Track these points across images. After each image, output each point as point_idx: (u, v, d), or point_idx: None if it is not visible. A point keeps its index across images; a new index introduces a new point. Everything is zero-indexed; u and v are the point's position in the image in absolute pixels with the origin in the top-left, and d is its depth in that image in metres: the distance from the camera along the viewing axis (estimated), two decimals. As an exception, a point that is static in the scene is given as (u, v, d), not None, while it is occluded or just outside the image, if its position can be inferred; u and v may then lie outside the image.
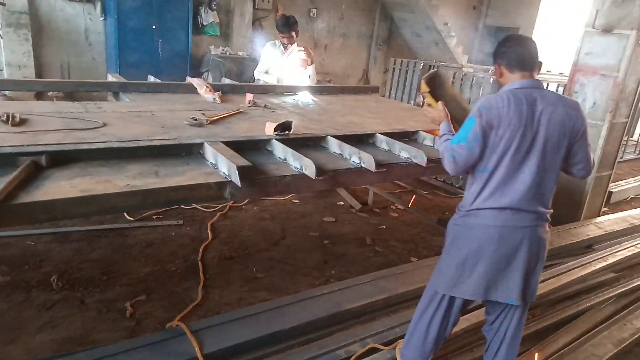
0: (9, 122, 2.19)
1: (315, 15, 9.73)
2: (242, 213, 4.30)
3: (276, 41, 4.66)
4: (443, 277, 2.05)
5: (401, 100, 6.07)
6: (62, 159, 1.73)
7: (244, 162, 1.80)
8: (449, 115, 2.17)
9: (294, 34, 4.46)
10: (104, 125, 2.37)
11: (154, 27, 7.56)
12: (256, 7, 8.81)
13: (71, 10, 7.21)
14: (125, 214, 3.85)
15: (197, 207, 4.19)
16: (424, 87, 2.24)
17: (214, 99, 3.27)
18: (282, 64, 4.47)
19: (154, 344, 2.29)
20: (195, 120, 2.60)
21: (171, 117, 2.74)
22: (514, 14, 11.65)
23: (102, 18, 7.42)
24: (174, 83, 3.60)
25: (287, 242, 3.86)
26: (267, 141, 2.22)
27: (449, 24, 10.34)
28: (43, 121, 2.33)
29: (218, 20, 8.38)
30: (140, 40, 7.50)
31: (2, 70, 6.48)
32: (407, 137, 2.71)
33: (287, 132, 2.28)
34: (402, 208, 4.74)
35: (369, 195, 4.75)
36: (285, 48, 4.52)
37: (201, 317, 2.76)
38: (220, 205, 4.29)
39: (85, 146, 1.82)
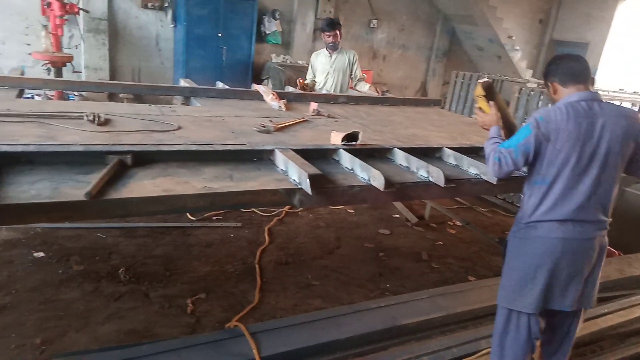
0: (95, 121, 2.34)
1: (375, 26, 9.74)
2: (298, 219, 4.35)
3: (320, 50, 4.92)
4: (506, 290, 2.07)
5: (462, 114, 5.94)
6: (144, 159, 1.82)
7: (314, 170, 1.82)
8: (500, 120, 2.22)
9: (337, 32, 4.62)
10: (179, 128, 2.47)
11: (219, 35, 7.84)
12: (317, 16, 8.94)
13: (145, 18, 7.62)
14: (188, 213, 3.98)
15: (255, 210, 4.27)
16: (480, 91, 2.33)
17: (280, 106, 3.34)
18: (327, 70, 4.65)
19: (214, 342, 2.35)
20: (264, 127, 2.66)
21: (240, 122, 2.82)
22: (583, 29, 11.14)
23: (172, 25, 7.79)
24: (240, 89, 3.71)
25: (342, 252, 3.86)
26: (334, 151, 2.24)
27: (513, 38, 10.04)
28: (124, 122, 2.47)
29: (280, 29, 8.58)
30: (206, 47, 7.80)
31: (81, 72, 6.93)
32: (474, 152, 2.64)
33: (354, 143, 2.29)
34: (460, 224, 4.62)
35: (425, 210, 4.67)
36: (330, 51, 4.69)
37: (257, 320, 2.81)
38: (277, 210, 4.36)
39: (165, 148, 1.91)
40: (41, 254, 3.24)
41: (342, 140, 2.27)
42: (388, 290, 3.36)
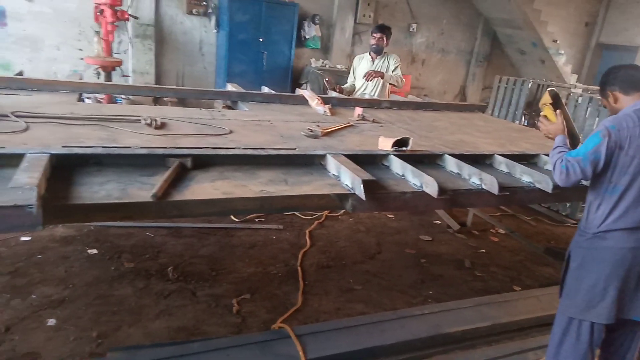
0: (152, 125, 2.43)
1: (414, 30, 9.68)
2: (338, 223, 4.37)
3: (363, 54, 5.02)
4: (573, 301, 2.05)
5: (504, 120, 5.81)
6: (203, 162, 1.88)
7: (368, 176, 1.84)
8: (566, 130, 2.21)
9: (383, 37, 4.76)
10: (230, 132, 2.53)
11: (260, 39, 7.98)
12: (357, 21, 8.97)
13: (189, 24, 7.84)
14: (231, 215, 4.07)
15: (296, 213, 4.32)
16: (547, 99, 2.32)
17: (325, 111, 3.37)
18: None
19: (261, 342, 2.40)
20: (311, 131, 2.69)
21: (287, 127, 2.86)
22: (632, 32, 10.71)
23: (215, 30, 7.98)
24: (286, 94, 3.77)
25: (383, 257, 3.84)
26: (384, 156, 2.25)
27: (558, 42, 9.76)
28: (178, 125, 2.55)
29: (320, 34, 8.65)
30: (247, 51, 7.95)
31: (129, 76, 7.20)
32: (525, 159, 2.59)
33: (404, 149, 2.29)
34: (503, 232, 4.52)
35: (468, 217, 4.60)
36: (373, 55, 4.79)
37: (301, 322, 2.84)
38: (318, 214, 4.39)
39: (223, 152, 1.97)
40: (94, 251, 3.38)
41: (393, 146, 2.27)
42: (431, 297, 3.32)
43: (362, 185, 1.77)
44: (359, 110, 3.35)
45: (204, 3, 7.77)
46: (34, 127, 2.18)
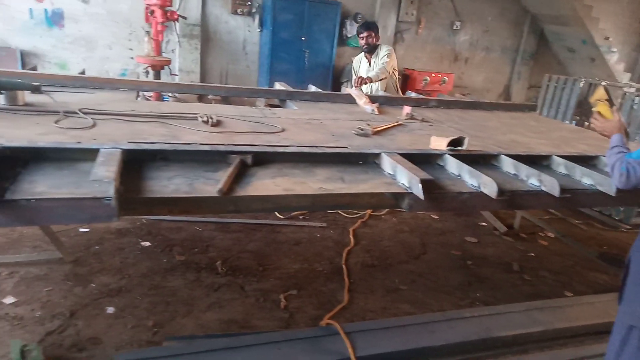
0: (209, 123, 2.50)
1: (458, 28, 9.50)
2: (382, 223, 4.36)
3: (359, 55, 5.01)
4: (634, 308, 1.95)
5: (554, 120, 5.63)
6: (262, 159, 1.93)
7: (425, 175, 1.83)
8: (624, 128, 2.11)
9: (373, 34, 4.67)
10: (283, 130, 2.57)
11: (303, 38, 8.04)
12: (399, 19, 8.89)
13: (234, 23, 7.98)
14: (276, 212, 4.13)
15: (340, 212, 4.34)
16: (602, 94, 2.21)
17: (372, 110, 3.37)
18: (370, 74, 4.66)
19: (310, 338, 2.43)
20: (362, 130, 2.70)
21: (337, 125, 2.88)
22: (692, 28, 10.13)
23: (258, 30, 8.09)
24: (333, 93, 3.80)
25: (428, 258, 3.81)
26: (439, 156, 2.23)
27: (610, 39, 9.35)
28: (233, 123, 2.62)
29: (362, 33, 8.62)
30: (290, 50, 8.03)
31: (177, 75, 7.40)
32: (584, 161, 2.51)
33: (459, 148, 2.27)
34: (552, 236, 4.39)
35: (515, 219, 4.49)
36: (367, 55, 4.77)
37: (347, 319, 2.86)
38: (361, 213, 4.39)
39: (281, 149, 2.01)
40: (147, 243, 3.51)
41: (448, 146, 2.25)
42: (479, 300, 3.27)
43: (420, 185, 1.76)
44: (407, 109, 3.33)
45: (249, 3, 7.89)
46: (100, 123, 2.29)
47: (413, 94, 4.36)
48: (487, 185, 1.90)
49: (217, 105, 3.20)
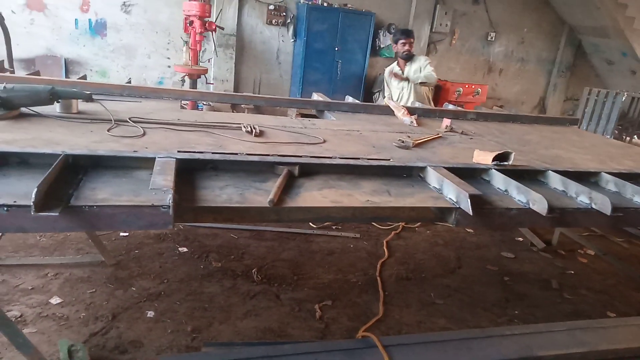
0: (252, 133, 2.55)
1: (492, 39, 9.40)
2: (415, 235, 4.32)
3: (391, 65, 5.18)
4: None
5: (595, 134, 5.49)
6: (308, 170, 1.95)
7: (474, 190, 1.81)
8: None
9: (413, 41, 4.93)
10: (324, 141, 2.60)
11: (336, 49, 8.11)
12: (433, 30, 8.86)
13: (268, 33, 8.12)
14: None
15: (373, 223, 4.32)
16: None
17: (411, 122, 3.36)
18: (403, 84, 4.89)
19: (348, 350, 2.41)
20: (403, 142, 2.70)
21: (377, 137, 2.88)
22: None
23: (292, 40, 8.21)
24: (371, 104, 3.82)
25: (464, 272, 3.75)
26: (484, 170, 2.20)
27: (653, 51, 9.08)
28: (275, 134, 2.66)
29: (394, 43, 8.62)
30: (323, 60, 8.11)
31: (213, 83, 7.57)
32: (633, 178, 2.44)
33: (505, 163, 2.24)
34: (592, 253, 4.26)
35: (553, 235, 4.38)
36: (402, 62, 4.94)
37: (383, 332, 2.84)
38: (394, 225, 4.37)
39: (327, 161, 2.03)
40: (185, 249, 3.57)
41: (493, 160, 2.22)
42: (517, 317, 3.20)
43: (468, 200, 1.75)
44: (447, 122, 3.31)
45: (283, 13, 8.02)
46: (150, 132, 2.36)
47: (451, 106, 4.33)
48: (537, 202, 1.86)
49: (258, 115, 3.26)
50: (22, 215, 1.38)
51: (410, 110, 3.57)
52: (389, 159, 2.32)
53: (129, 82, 3.62)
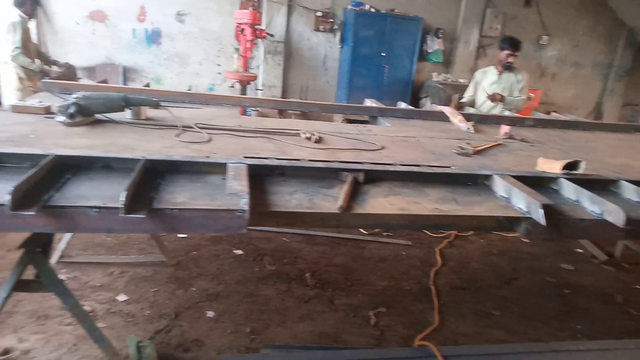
0: (311, 139, 2.58)
1: (545, 43, 9.10)
2: (469, 244, 4.24)
3: (486, 68, 5.06)
4: None
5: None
6: (372, 177, 1.96)
7: (546, 200, 1.77)
8: None
9: (517, 53, 4.79)
10: (383, 148, 2.60)
11: (383, 54, 8.09)
12: (482, 34, 8.68)
13: (315, 40, 8.20)
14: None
15: (425, 231, 4.27)
16: None
17: (468, 128, 3.31)
18: (494, 88, 4.74)
19: (406, 358, 2.40)
20: (462, 149, 2.66)
21: (435, 144, 2.86)
22: None
23: (339, 46, 8.26)
24: (425, 110, 3.79)
25: (520, 283, 3.64)
26: (553, 179, 2.14)
27: None
28: (333, 140, 2.68)
29: (443, 48, 8.52)
30: (369, 66, 8.11)
31: (262, 89, 7.71)
32: None
33: (574, 172, 2.17)
34: (660, 268, 4.04)
35: (616, 247, 4.18)
36: (500, 69, 4.83)
37: (439, 342, 2.78)
38: (446, 233, 4.30)
39: (391, 168, 2.04)
40: (240, 252, 3.66)
41: (563, 169, 2.16)
42: (579, 332, 3.07)
43: (541, 210, 1.70)
44: (505, 129, 3.24)
45: (331, 20, 8.09)
46: (215, 137, 2.44)
47: (507, 112, 4.23)
48: (613, 213, 1.79)
49: (314, 122, 3.30)
50: (110, 217, 1.46)
51: (467, 117, 3.51)
52: (449, 167, 2.30)
53: (190, 90, 3.75)
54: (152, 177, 1.74)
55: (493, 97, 4.60)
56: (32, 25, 4.31)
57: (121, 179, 1.68)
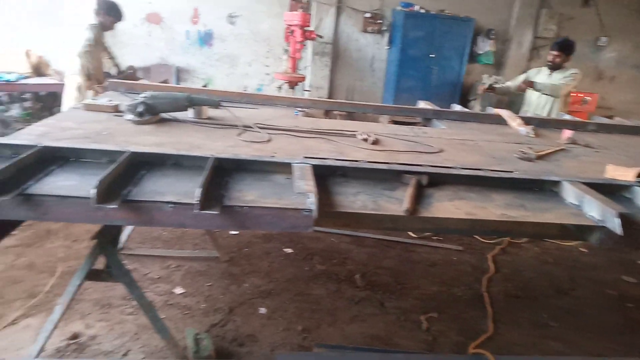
0: (368, 141, 2.58)
1: (604, 44, 8.69)
2: (523, 251, 4.11)
3: (541, 67, 5.09)
4: None
5: None
6: (435, 180, 1.94)
7: (621, 208, 1.69)
8: None
9: (563, 55, 4.79)
10: (441, 150, 2.56)
11: (431, 55, 7.97)
12: (536, 35, 8.39)
13: (363, 41, 8.18)
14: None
15: (476, 236, 4.18)
16: None
17: (527, 132, 3.21)
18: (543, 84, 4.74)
19: (461, 365, 2.36)
20: (524, 153, 2.59)
21: (493, 147, 2.79)
22: None
23: (387, 47, 8.20)
24: (481, 113, 3.70)
25: (578, 294, 3.50)
26: (626, 187, 2.05)
27: None
28: (389, 142, 2.67)
29: (494, 49, 8.30)
30: (417, 67, 8.00)
31: (309, 90, 7.77)
32: None
33: (647, 180, 2.06)
34: None
35: (684, 261, 3.95)
36: (550, 70, 4.85)
37: (493, 351, 2.70)
38: (499, 239, 4.19)
39: (455, 171, 2.01)
40: (290, 250, 3.70)
41: (638, 176, 2.06)
42: (645, 349, 2.92)
43: (617, 219, 1.63)
44: (568, 133, 3.12)
45: (379, 21, 8.05)
46: (274, 137, 2.48)
47: (567, 116, 4.07)
48: (695, 225, 1.69)
49: (368, 123, 3.29)
50: (184, 213, 1.52)
51: (526, 120, 3.41)
52: (512, 171, 2.24)
53: (245, 90, 3.83)
54: (220, 174, 1.79)
55: (520, 87, 4.79)
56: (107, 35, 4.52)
57: (191, 176, 1.74)
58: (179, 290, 3.01)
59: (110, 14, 4.37)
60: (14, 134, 2.07)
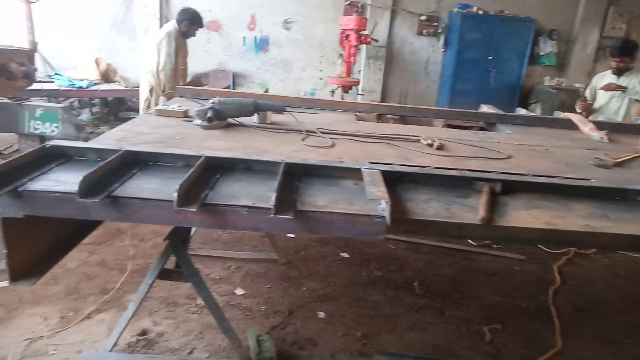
0: (433, 146, 2.54)
1: (679, 43, 8.11)
2: (591, 262, 3.89)
3: (604, 72, 4.80)
4: None
5: None
6: (509, 188, 1.87)
7: None
8: None
9: (627, 59, 4.47)
10: (510, 157, 2.48)
11: (489, 58, 7.75)
12: (603, 35, 7.96)
13: (418, 44, 8.08)
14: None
15: (540, 246, 4.00)
16: None
17: (601, 137, 3.04)
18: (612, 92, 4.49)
19: (530, 381, 2.26)
20: (601, 160, 2.46)
21: (566, 154, 2.67)
22: None
23: (442, 50, 8.05)
24: (549, 117, 3.57)
25: (655, 311, 3.27)
26: None
27: None
28: (455, 147, 2.61)
29: (556, 50, 7.95)
30: (474, 70, 7.81)
31: (363, 94, 7.77)
32: None
33: None
34: None
35: None
36: (617, 75, 4.55)
37: (563, 368, 2.59)
38: (564, 249, 3.99)
39: (529, 179, 1.93)
40: (346, 255, 3.69)
41: None
42: None
43: None
44: (648, 139, 2.93)
45: (435, 24, 7.92)
46: (337, 142, 2.49)
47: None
48: None
49: (430, 127, 3.25)
50: (259, 216, 1.55)
51: (598, 125, 3.24)
52: (589, 179, 2.13)
53: (305, 96, 3.88)
54: (290, 179, 1.82)
55: (608, 87, 4.49)
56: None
57: (262, 180, 1.78)
58: (239, 291, 3.08)
59: (194, 23, 4.63)
60: (97, 139, 2.20)
